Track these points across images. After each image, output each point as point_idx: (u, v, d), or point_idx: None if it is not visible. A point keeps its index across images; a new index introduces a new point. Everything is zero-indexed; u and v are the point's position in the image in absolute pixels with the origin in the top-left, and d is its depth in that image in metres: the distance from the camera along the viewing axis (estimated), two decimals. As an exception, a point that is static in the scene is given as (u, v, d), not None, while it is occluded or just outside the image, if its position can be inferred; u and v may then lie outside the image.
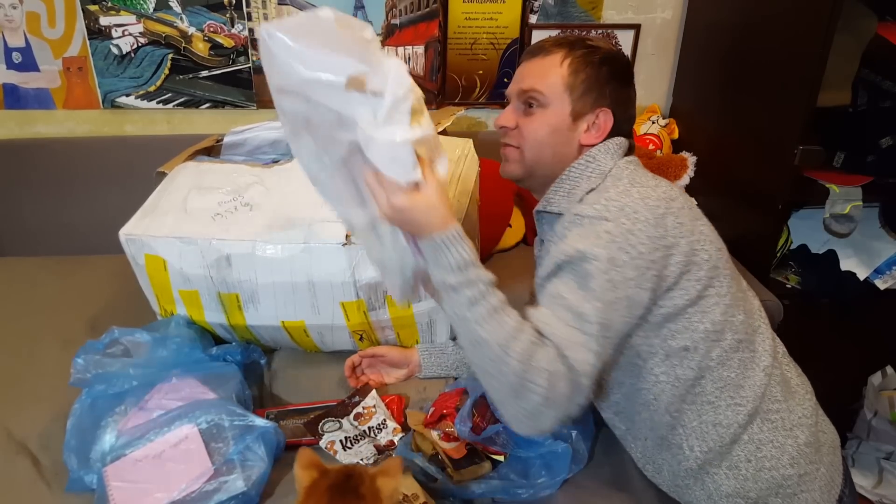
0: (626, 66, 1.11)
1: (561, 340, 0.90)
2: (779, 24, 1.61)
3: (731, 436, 1.02)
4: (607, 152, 1.07)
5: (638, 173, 1.04)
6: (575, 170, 1.07)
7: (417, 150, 0.87)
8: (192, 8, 1.89)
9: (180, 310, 1.41)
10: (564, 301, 0.92)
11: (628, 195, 0.97)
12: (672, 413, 1.04)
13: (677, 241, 0.96)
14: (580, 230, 0.95)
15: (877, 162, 1.64)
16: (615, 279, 0.92)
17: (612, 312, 0.92)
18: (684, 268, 0.97)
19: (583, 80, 1.05)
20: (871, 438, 1.89)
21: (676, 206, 0.98)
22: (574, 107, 1.06)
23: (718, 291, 1.00)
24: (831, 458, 1.07)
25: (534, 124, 1.08)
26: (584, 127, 1.07)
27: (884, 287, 1.79)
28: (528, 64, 1.10)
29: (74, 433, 1.20)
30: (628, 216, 0.94)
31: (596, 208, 0.96)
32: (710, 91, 1.96)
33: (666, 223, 0.95)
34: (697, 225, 1.01)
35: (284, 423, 1.28)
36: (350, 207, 1.01)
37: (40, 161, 1.95)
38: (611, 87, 1.06)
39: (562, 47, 1.07)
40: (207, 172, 1.46)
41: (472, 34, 2.00)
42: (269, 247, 1.30)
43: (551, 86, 1.06)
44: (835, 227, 1.72)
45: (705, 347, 1.00)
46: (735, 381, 1.02)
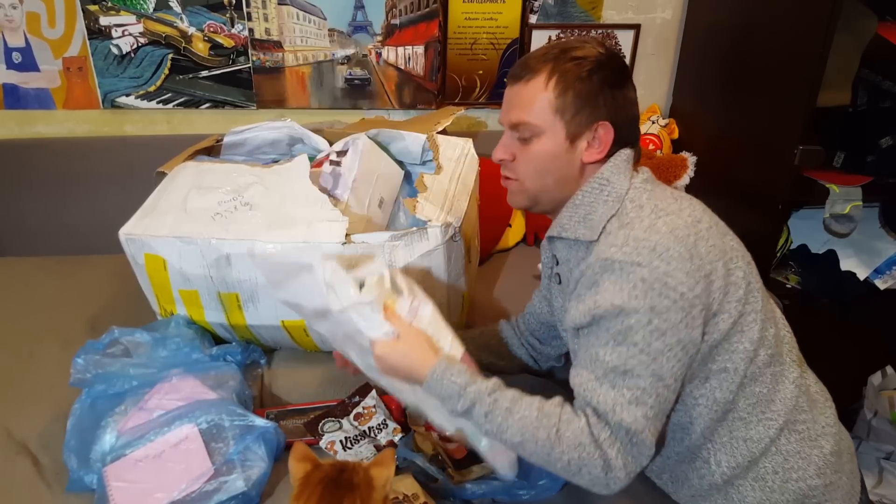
0: (618, 68, 1.02)
1: (605, 405, 0.90)
2: (779, 24, 1.61)
3: (760, 450, 0.99)
4: (618, 171, 1.01)
5: (657, 195, 0.99)
6: (588, 195, 1.01)
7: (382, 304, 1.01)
8: (192, 8, 1.89)
9: (180, 310, 1.41)
10: (606, 363, 0.91)
11: (655, 231, 0.92)
12: (707, 434, 1.01)
13: (714, 265, 0.93)
14: (613, 278, 0.91)
15: (877, 162, 1.64)
16: (661, 327, 0.89)
17: (663, 361, 0.90)
18: (724, 290, 0.94)
19: (572, 99, 0.98)
20: (871, 438, 1.89)
21: (704, 228, 0.95)
22: (568, 129, 1.00)
23: (754, 308, 0.97)
24: (851, 466, 1.06)
25: (530, 156, 1.02)
26: (583, 145, 1.01)
27: (884, 287, 1.79)
28: (513, 90, 1.03)
29: (74, 433, 1.20)
30: (661, 256, 0.90)
31: (625, 251, 0.91)
32: (710, 91, 1.96)
33: (700, 251, 0.92)
34: (727, 241, 0.98)
35: (284, 423, 1.29)
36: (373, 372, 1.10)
37: (40, 161, 1.95)
38: (604, 97, 0.99)
39: (545, 66, 1.00)
40: (207, 172, 1.46)
41: (472, 34, 2.00)
42: (269, 246, 1.30)
43: (540, 114, 1.00)
44: (835, 227, 1.72)
45: (743, 367, 0.97)
46: (767, 397, 0.99)
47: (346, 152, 1.46)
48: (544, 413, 0.93)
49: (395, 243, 1.28)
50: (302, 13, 1.93)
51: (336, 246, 1.28)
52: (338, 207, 1.34)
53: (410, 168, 1.60)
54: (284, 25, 1.93)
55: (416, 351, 1.00)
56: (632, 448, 0.90)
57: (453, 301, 1.40)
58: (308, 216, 1.32)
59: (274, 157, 1.66)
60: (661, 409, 0.92)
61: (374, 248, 1.28)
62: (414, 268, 1.31)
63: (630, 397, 0.89)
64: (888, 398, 1.82)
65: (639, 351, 0.89)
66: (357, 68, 2.01)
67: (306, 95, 2.04)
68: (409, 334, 1.01)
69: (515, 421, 0.93)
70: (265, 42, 1.95)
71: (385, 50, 2.00)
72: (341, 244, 1.27)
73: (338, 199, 1.39)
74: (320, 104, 2.06)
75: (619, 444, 0.90)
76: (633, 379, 0.90)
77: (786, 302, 1.53)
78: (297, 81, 2.01)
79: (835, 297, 1.78)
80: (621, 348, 0.90)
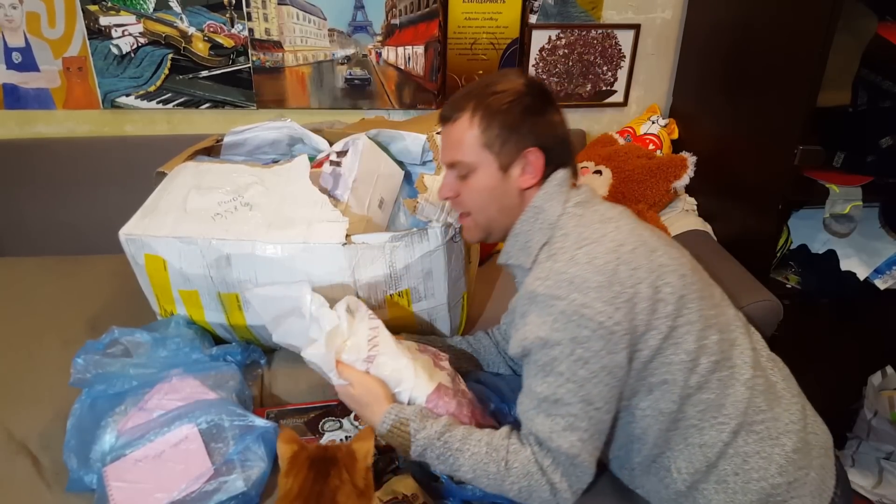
0: (537, 95, 1.07)
1: (543, 433, 0.97)
2: (779, 24, 1.61)
3: (716, 454, 1.02)
4: (550, 197, 1.06)
5: (585, 220, 1.04)
6: (525, 223, 1.07)
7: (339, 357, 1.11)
8: (191, 8, 1.89)
9: (180, 310, 1.41)
10: (538, 394, 0.98)
11: (575, 262, 0.97)
12: (659, 444, 1.05)
13: (636, 289, 0.97)
14: (537, 311, 0.98)
15: (877, 162, 1.64)
16: (584, 356, 0.95)
17: (590, 387, 0.95)
18: (651, 309, 0.98)
19: (498, 132, 1.04)
20: (871, 438, 1.89)
21: (627, 251, 0.99)
22: (499, 160, 1.05)
23: (688, 319, 1.01)
24: (822, 461, 1.06)
25: (470, 191, 1.09)
26: (517, 173, 1.06)
27: (884, 287, 1.79)
28: (444, 131, 1.10)
29: (74, 433, 1.20)
30: (579, 288, 0.95)
31: (547, 285, 0.97)
32: (710, 91, 1.96)
33: (620, 277, 0.96)
34: (654, 259, 1.01)
35: (284, 423, 1.29)
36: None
37: (40, 161, 1.95)
38: (528, 125, 1.04)
39: (468, 104, 1.05)
40: (207, 172, 1.46)
41: (472, 34, 2.00)
42: (269, 246, 1.30)
43: (470, 151, 1.05)
44: (835, 227, 1.72)
45: (683, 377, 1.00)
46: (716, 402, 1.02)
47: (346, 152, 1.46)
48: (493, 447, 1.01)
49: (396, 244, 1.28)
50: (302, 13, 1.93)
51: (336, 246, 1.28)
52: (338, 208, 1.34)
53: (410, 168, 1.60)
54: (284, 25, 1.93)
55: (367, 398, 1.09)
56: (574, 470, 0.98)
57: (453, 301, 1.40)
58: (308, 216, 1.32)
59: (274, 157, 1.66)
60: (597, 430, 0.98)
61: (375, 248, 1.28)
62: (414, 268, 1.31)
63: (564, 424, 0.96)
64: (888, 398, 1.82)
65: (565, 380, 0.95)
66: (357, 68, 2.01)
67: (306, 95, 2.04)
68: (361, 384, 1.09)
69: (466, 459, 1.01)
70: (265, 42, 1.95)
71: (385, 50, 2.00)
72: (341, 245, 1.27)
73: (338, 199, 1.39)
74: (320, 104, 2.06)
75: (562, 468, 0.97)
76: (564, 407, 0.96)
77: (786, 302, 1.53)
78: (297, 81, 2.01)
79: (835, 297, 1.78)
80: (549, 378, 0.97)
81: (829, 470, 1.07)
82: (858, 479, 1.88)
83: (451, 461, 1.02)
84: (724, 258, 1.71)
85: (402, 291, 1.34)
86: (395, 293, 1.34)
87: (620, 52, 2.09)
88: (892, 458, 1.87)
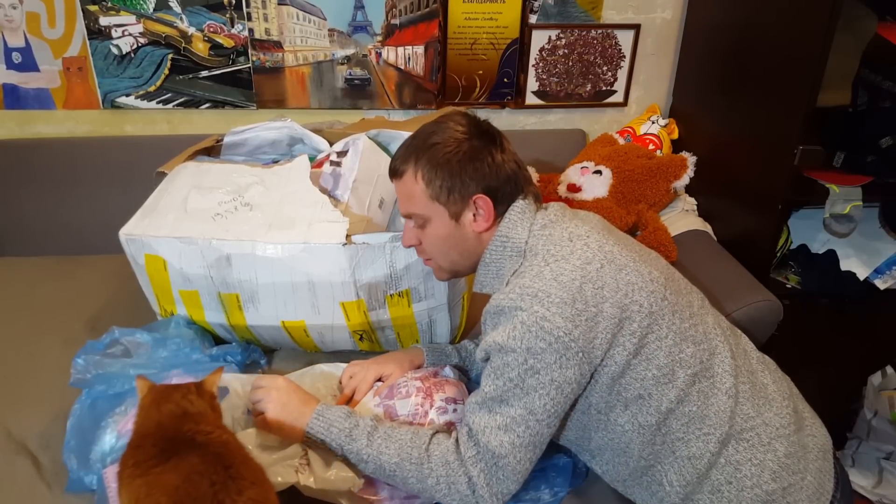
0: (478, 138, 1.07)
1: (478, 426, 1.00)
2: (779, 24, 1.61)
3: (705, 465, 1.02)
4: (514, 224, 1.07)
5: (554, 239, 1.05)
6: (494, 252, 1.09)
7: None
8: (191, 8, 1.89)
9: (180, 310, 1.41)
10: (486, 393, 1.01)
11: (541, 278, 0.99)
12: (645, 457, 1.05)
13: (600, 307, 0.98)
14: (501, 321, 1.00)
15: (877, 162, 1.64)
16: (535, 366, 0.96)
17: (535, 397, 0.97)
18: (616, 327, 0.99)
19: (440, 185, 1.06)
20: (871, 438, 1.89)
21: (594, 269, 1.00)
22: (449, 210, 1.08)
23: (658, 335, 1.01)
24: (820, 464, 1.06)
25: (429, 239, 1.12)
26: (469, 219, 1.08)
27: (884, 287, 1.79)
28: (396, 186, 1.13)
29: (74, 433, 1.20)
30: (541, 301, 0.96)
31: (511, 298, 0.99)
32: (710, 91, 1.96)
33: (584, 295, 0.98)
34: (622, 277, 1.02)
35: (284, 424, 1.28)
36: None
37: (40, 161, 1.95)
38: (468, 172, 1.05)
39: (408, 159, 1.08)
40: (207, 172, 1.46)
41: (472, 34, 2.00)
42: (269, 247, 1.30)
43: (420, 203, 1.09)
44: (835, 227, 1.72)
45: (658, 392, 1.01)
46: (699, 414, 1.02)
47: (346, 152, 1.46)
48: (417, 435, 1.05)
49: (396, 244, 1.28)
50: (302, 13, 1.93)
51: (336, 246, 1.28)
52: (338, 208, 1.34)
53: (410, 168, 1.60)
54: (284, 25, 1.93)
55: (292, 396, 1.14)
56: (496, 471, 0.99)
57: (453, 301, 1.40)
58: (308, 217, 1.32)
59: (274, 157, 1.66)
60: (532, 441, 1.00)
61: (375, 248, 1.28)
62: (414, 268, 1.31)
63: (500, 423, 0.99)
64: (888, 398, 1.82)
65: (514, 385, 0.98)
66: (357, 68, 2.01)
67: (306, 95, 2.04)
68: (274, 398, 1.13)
69: (392, 443, 1.05)
70: (265, 42, 1.95)
71: (385, 50, 2.00)
72: (342, 245, 1.27)
73: (338, 199, 1.39)
74: (320, 104, 2.06)
75: (483, 464, 1.00)
76: (506, 408, 0.99)
77: (786, 302, 1.53)
78: (297, 81, 2.01)
79: (835, 297, 1.78)
80: (499, 381, 0.99)
81: (828, 473, 1.06)
82: (858, 479, 1.88)
83: (377, 443, 1.05)
84: (724, 258, 1.71)
85: (403, 291, 1.34)
86: (396, 293, 1.34)
87: (620, 52, 2.09)
88: (892, 458, 1.87)
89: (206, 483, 0.86)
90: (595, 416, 1.05)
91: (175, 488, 0.86)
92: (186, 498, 0.85)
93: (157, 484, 0.87)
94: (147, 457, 0.90)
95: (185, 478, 0.87)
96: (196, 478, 0.86)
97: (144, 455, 0.90)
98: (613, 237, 1.09)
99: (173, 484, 0.86)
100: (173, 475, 0.87)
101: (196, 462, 0.88)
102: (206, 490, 0.85)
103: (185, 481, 0.86)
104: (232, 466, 0.89)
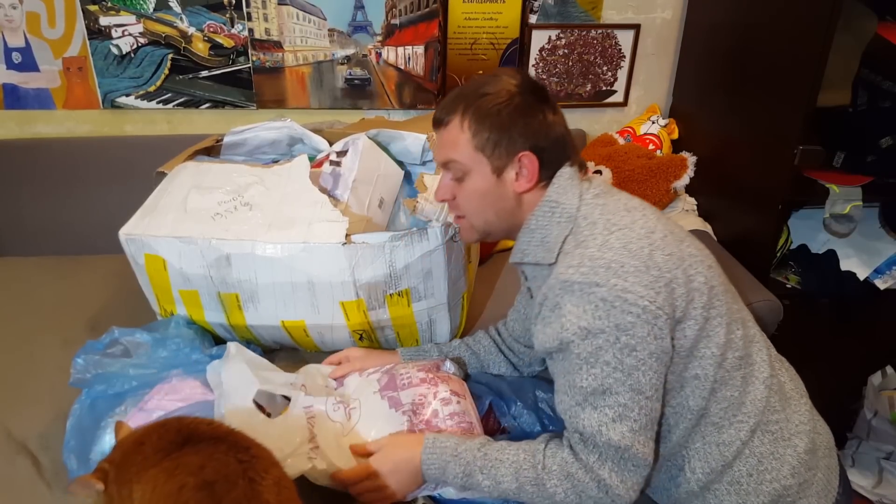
0: (530, 94, 1.02)
1: (591, 428, 0.93)
2: (779, 24, 1.61)
3: (733, 453, 1.00)
4: (565, 190, 1.02)
5: (609, 209, 1.00)
6: (541, 218, 1.03)
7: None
8: (191, 8, 1.89)
9: (180, 310, 1.41)
10: (583, 388, 0.93)
11: (609, 248, 0.94)
12: (680, 441, 1.02)
13: (673, 273, 0.94)
14: (574, 300, 0.93)
15: (877, 162, 1.64)
16: (630, 343, 0.90)
17: (639, 375, 0.91)
18: (687, 297, 0.95)
19: (487, 137, 1.01)
20: (871, 438, 1.89)
21: (659, 237, 0.97)
22: (493, 164, 1.02)
23: (719, 311, 0.98)
24: (827, 462, 1.06)
25: (466, 194, 1.06)
26: (511, 177, 1.03)
27: (884, 287, 1.79)
28: (437, 134, 1.07)
29: (74, 433, 1.20)
30: (617, 273, 0.91)
31: (582, 272, 0.93)
32: (710, 91, 1.96)
33: (657, 261, 0.93)
34: (684, 248, 0.99)
35: (284, 423, 1.28)
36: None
37: (40, 161, 1.95)
38: (519, 128, 1.00)
39: (456, 107, 1.03)
40: (207, 172, 1.46)
41: (472, 34, 2.00)
42: (269, 246, 1.30)
43: (463, 153, 1.03)
44: (835, 227, 1.72)
45: (713, 372, 0.98)
46: (738, 399, 1.00)
47: (346, 152, 1.46)
48: (529, 451, 0.99)
49: (395, 243, 1.28)
50: (302, 13, 1.93)
51: (336, 246, 1.28)
52: (338, 208, 1.34)
53: (410, 168, 1.60)
54: (284, 25, 1.93)
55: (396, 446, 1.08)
56: (625, 464, 0.93)
57: (453, 301, 1.40)
58: (308, 216, 1.32)
59: (274, 157, 1.66)
60: (647, 420, 0.93)
61: (374, 248, 1.28)
62: (414, 268, 1.31)
63: (613, 415, 0.92)
64: (888, 398, 1.82)
65: (612, 369, 0.91)
66: (357, 68, 2.01)
67: (306, 95, 2.04)
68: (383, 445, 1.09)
69: (507, 468, 0.99)
70: (265, 42, 1.95)
71: (385, 50, 2.00)
72: (341, 244, 1.27)
73: (338, 199, 1.39)
74: (320, 104, 2.06)
75: (611, 462, 0.93)
76: (612, 397, 0.92)
77: (786, 302, 1.53)
78: (297, 81, 2.01)
79: (835, 297, 1.78)
80: (595, 370, 0.92)
81: (834, 470, 1.07)
82: (858, 479, 1.88)
83: (493, 472, 1.00)
84: (725, 258, 1.71)
85: (402, 291, 1.34)
86: (395, 293, 1.34)
87: (620, 52, 2.09)
88: (892, 458, 1.87)
89: (233, 461, 0.84)
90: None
91: (200, 467, 0.83)
92: (216, 475, 0.82)
93: (179, 466, 0.84)
94: (154, 450, 0.88)
95: (209, 456, 0.85)
96: (221, 456, 0.85)
97: (151, 449, 0.88)
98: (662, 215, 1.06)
99: (197, 464, 0.84)
100: (195, 457, 0.85)
101: (215, 446, 0.87)
102: (235, 467, 0.83)
103: (209, 460, 0.84)
104: (251, 448, 0.88)
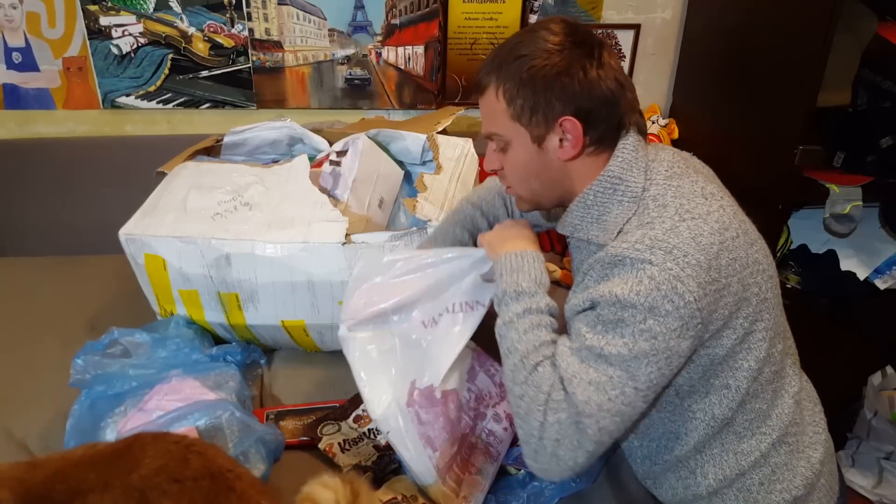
0: (572, 50, 0.91)
1: (567, 373, 0.87)
2: (779, 24, 1.61)
3: (750, 463, 0.97)
4: (629, 166, 0.93)
5: (684, 192, 0.92)
6: (600, 195, 0.94)
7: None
8: (192, 8, 1.89)
9: (180, 309, 1.41)
10: (585, 340, 0.87)
11: (677, 234, 0.86)
12: (697, 446, 0.99)
13: (729, 281, 0.87)
14: (621, 273, 0.86)
15: (877, 162, 1.64)
16: (654, 329, 0.84)
17: (643, 363, 0.85)
18: (734, 307, 0.89)
19: (521, 104, 0.92)
20: (871, 438, 1.89)
21: (731, 237, 0.89)
22: (531, 133, 0.94)
23: (766, 325, 0.93)
24: (830, 467, 1.05)
25: (510, 164, 0.99)
26: (555, 144, 0.94)
27: (884, 287, 1.79)
28: (479, 102, 1.00)
29: (74, 434, 1.20)
30: (677, 260, 0.84)
31: (638, 248, 0.86)
32: (710, 91, 1.96)
33: (720, 263, 0.86)
34: (752, 253, 0.92)
35: (284, 424, 1.29)
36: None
37: (40, 161, 1.95)
38: (556, 91, 0.90)
39: (491, 76, 0.95)
40: (207, 172, 1.46)
41: (472, 34, 2.00)
42: (269, 246, 1.30)
43: (501, 123, 0.95)
44: (835, 227, 1.72)
45: (746, 385, 0.93)
46: (765, 412, 0.97)
47: (345, 152, 1.46)
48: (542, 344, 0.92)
49: (395, 243, 1.28)
50: (302, 13, 1.93)
51: (335, 245, 1.28)
52: (338, 207, 1.34)
53: (410, 168, 1.60)
54: (284, 25, 1.93)
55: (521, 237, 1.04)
56: (574, 429, 0.86)
57: (453, 301, 1.40)
58: (308, 216, 1.32)
59: (274, 157, 1.66)
60: (623, 410, 0.86)
61: (374, 247, 1.28)
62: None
63: (593, 378, 0.85)
64: (888, 398, 1.82)
65: (622, 344, 0.84)
66: (357, 68, 2.01)
67: (306, 95, 2.03)
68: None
69: (530, 335, 0.92)
70: (265, 42, 1.95)
71: (385, 50, 2.00)
72: (341, 244, 1.27)
73: (338, 199, 1.39)
74: (320, 104, 2.05)
75: (563, 415, 0.86)
76: (605, 364, 0.85)
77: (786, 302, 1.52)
78: (297, 81, 2.01)
79: (835, 297, 1.78)
80: (607, 336, 0.86)
81: (835, 475, 1.06)
82: (858, 479, 1.88)
83: (523, 324, 0.93)
84: (724, 258, 1.71)
85: (402, 291, 1.34)
86: (395, 293, 1.34)
87: (620, 52, 2.09)
88: (892, 458, 1.87)
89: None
90: (670, 397, 0.95)
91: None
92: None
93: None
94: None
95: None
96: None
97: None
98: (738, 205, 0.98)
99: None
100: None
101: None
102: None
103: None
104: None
